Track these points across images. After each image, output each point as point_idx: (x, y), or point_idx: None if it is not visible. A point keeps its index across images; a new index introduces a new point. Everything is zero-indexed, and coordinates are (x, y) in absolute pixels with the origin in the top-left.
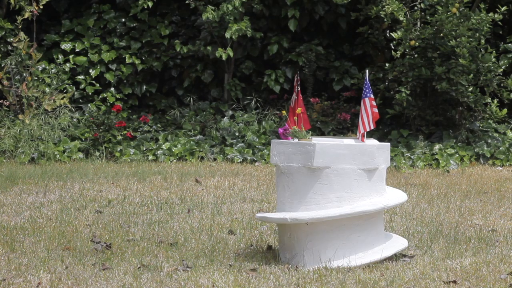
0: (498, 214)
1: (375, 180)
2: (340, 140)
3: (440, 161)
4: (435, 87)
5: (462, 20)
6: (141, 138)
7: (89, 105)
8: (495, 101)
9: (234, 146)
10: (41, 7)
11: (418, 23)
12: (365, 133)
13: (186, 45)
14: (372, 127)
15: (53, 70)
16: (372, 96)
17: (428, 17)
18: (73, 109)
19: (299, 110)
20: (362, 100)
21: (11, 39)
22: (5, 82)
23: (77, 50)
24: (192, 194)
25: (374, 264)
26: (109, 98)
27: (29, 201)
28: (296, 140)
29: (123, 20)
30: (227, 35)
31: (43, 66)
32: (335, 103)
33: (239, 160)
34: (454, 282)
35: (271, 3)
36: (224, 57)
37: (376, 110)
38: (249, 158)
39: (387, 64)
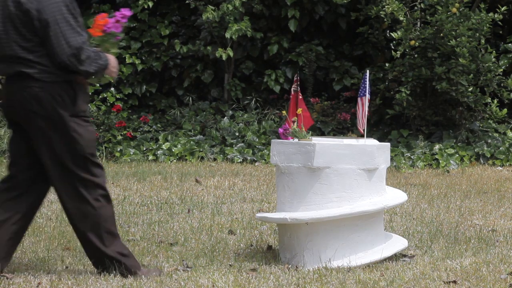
0: (498, 214)
1: (375, 180)
2: (340, 140)
3: (440, 161)
4: (435, 87)
5: (462, 20)
6: (141, 138)
7: (89, 105)
8: (495, 101)
9: (234, 146)
10: None
11: (418, 23)
12: (365, 129)
13: (186, 45)
14: (364, 126)
15: None
16: (367, 95)
17: (428, 17)
18: None
19: (299, 111)
20: (359, 98)
21: None
22: None
23: None
24: (192, 194)
25: (374, 264)
26: (109, 98)
27: None
28: (296, 140)
29: None
30: (227, 35)
31: None
32: (335, 103)
33: (239, 160)
34: (454, 282)
35: (271, 3)
36: (224, 57)
37: (366, 108)
38: (249, 158)
39: (387, 64)
